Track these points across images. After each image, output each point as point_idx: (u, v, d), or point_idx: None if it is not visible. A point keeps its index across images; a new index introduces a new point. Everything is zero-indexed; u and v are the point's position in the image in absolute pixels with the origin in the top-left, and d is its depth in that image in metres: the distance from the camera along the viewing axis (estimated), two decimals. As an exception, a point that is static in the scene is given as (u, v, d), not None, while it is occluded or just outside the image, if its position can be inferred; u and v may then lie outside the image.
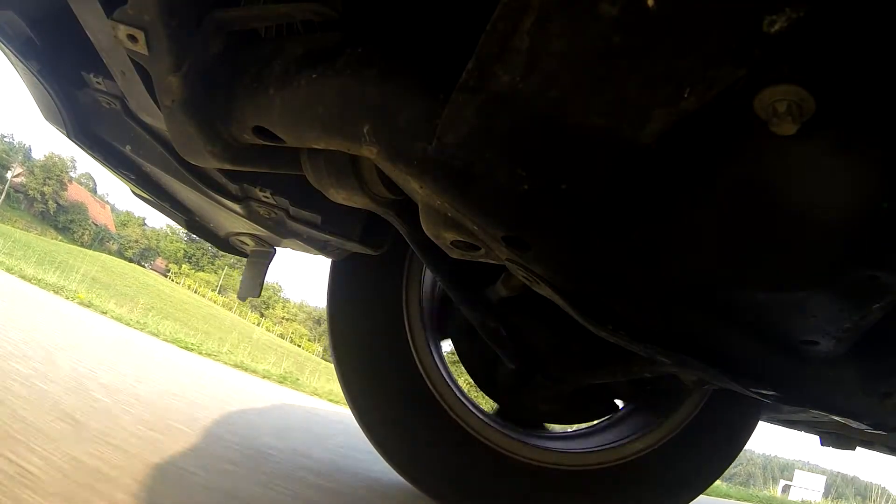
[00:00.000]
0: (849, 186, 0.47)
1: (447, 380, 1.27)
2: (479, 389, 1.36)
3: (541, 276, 0.59)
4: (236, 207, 0.94)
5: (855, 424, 0.74)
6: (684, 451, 1.32)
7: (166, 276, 58.42)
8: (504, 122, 0.47)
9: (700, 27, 0.38)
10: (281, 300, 73.23)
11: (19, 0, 0.74)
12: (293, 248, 1.17)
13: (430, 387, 1.24)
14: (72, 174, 68.82)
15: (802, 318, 0.58)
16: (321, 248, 1.12)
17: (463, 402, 1.26)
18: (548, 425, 1.42)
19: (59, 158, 66.30)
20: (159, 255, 70.88)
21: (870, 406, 0.69)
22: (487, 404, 1.46)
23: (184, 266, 66.55)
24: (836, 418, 0.74)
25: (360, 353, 1.27)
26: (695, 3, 0.37)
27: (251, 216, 0.96)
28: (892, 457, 1.66)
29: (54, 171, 65.54)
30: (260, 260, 1.24)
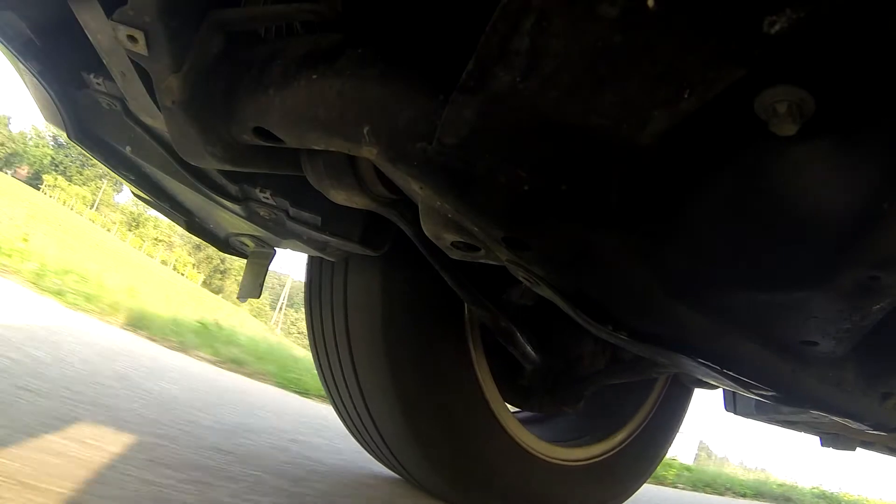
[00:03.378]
0: (849, 187, 0.47)
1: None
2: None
3: (541, 277, 0.59)
4: (236, 208, 0.94)
5: (855, 425, 0.74)
6: (648, 443, 1.47)
7: (38, 190, 49.17)
8: (504, 123, 0.47)
9: (700, 27, 0.38)
10: (152, 218, 64.27)
11: (20, 1, 0.74)
12: (293, 249, 1.17)
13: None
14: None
15: (802, 319, 0.58)
16: (321, 249, 1.12)
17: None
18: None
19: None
20: (25, 162, 61.06)
21: (870, 407, 0.69)
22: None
23: (58, 178, 57.69)
24: (836, 419, 0.74)
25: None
26: (695, 4, 0.37)
27: (251, 217, 0.96)
28: (893, 457, 1.66)
29: None
30: (260, 261, 1.24)
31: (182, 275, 48.57)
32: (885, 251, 0.49)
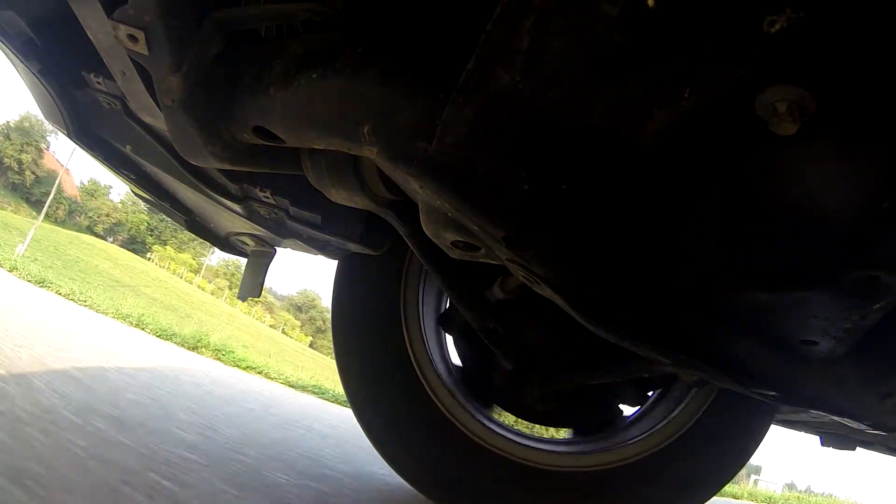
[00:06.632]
0: (849, 186, 0.47)
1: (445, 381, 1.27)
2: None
3: (541, 276, 0.59)
4: (236, 207, 0.94)
5: (855, 425, 0.74)
6: (689, 455, 1.29)
7: (145, 258, 48.88)
8: (504, 123, 0.47)
9: (700, 27, 0.38)
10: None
11: (20, 0, 0.74)
12: (293, 248, 1.18)
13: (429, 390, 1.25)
14: (50, 139, 57.88)
15: (802, 319, 0.57)
16: (321, 248, 1.12)
17: (459, 403, 1.26)
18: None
19: (37, 120, 54.33)
20: (127, 231, 61.92)
21: (870, 406, 0.69)
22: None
23: (168, 248, 57.80)
24: (836, 418, 0.74)
25: (360, 353, 1.28)
26: (695, 3, 0.37)
27: (251, 216, 0.96)
28: (892, 457, 1.66)
29: (33, 136, 54.77)
30: (260, 260, 1.25)
31: (291, 337, 49.68)
32: (885, 251, 0.49)
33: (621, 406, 1.42)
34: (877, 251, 0.49)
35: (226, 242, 1.24)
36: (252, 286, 1.25)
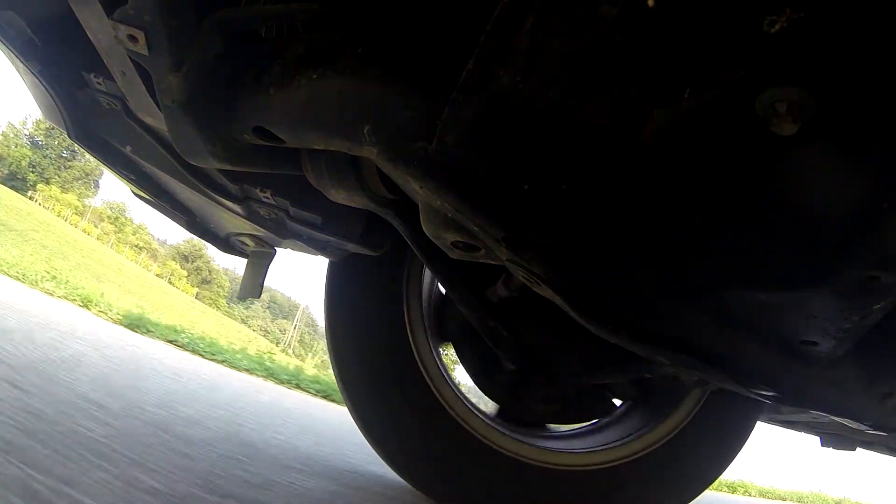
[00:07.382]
0: (849, 186, 0.47)
1: (448, 381, 1.27)
2: (479, 390, 1.36)
3: (541, 277, 0.59)
4: (236, 208, 0.94)
5: (855, 425, 0.74)
6: (684, 451, 1.32)
7: (31, 199, 43.88)
8: (504, 123, 0.47)
9: (700, 27, 0.38)
10: (129, 221, 62.40)
11: (20, 0, 0.74)
12: (293, 249, 1.18)
13: (434, 390, 1.25)
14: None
15: (803, 319, 0.57)
16: (322, 249, 1.12)
17: (464, 403, 1.27)
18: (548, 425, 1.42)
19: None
20: (8, 167, 55.81)
21: (870, 407, 0.69)
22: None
23: (52, 187, 53.55)
24: (836, 419, 0.74)
25: (361, 356, 1.28)
26: (695, 3, 0.37)
27: (251, 217, 0.97)
28: (893, 457, 1.66)
29: None
30: (260, 260, 1.25)
31: (178, 288, 49.05)
32: (885, 251, 0.49)
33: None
34: (877, 251, 0.49)
35: (226, 243, 1.24)
36: (252, 286, 1.25)
